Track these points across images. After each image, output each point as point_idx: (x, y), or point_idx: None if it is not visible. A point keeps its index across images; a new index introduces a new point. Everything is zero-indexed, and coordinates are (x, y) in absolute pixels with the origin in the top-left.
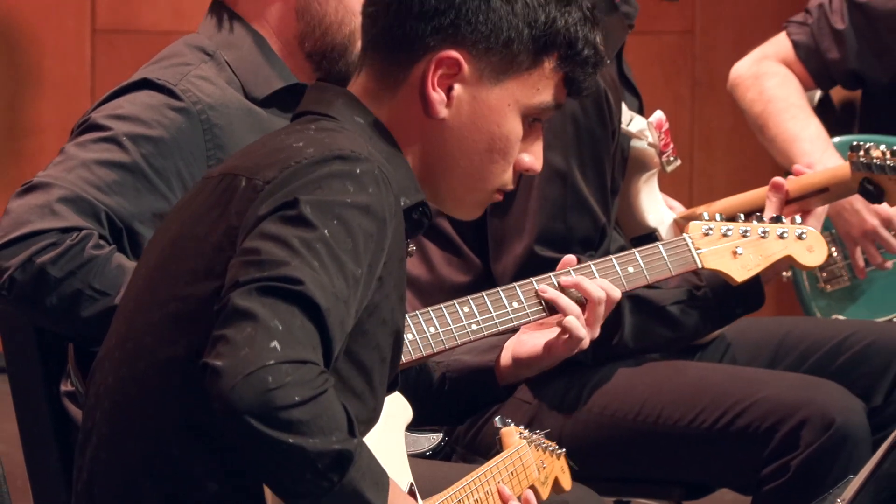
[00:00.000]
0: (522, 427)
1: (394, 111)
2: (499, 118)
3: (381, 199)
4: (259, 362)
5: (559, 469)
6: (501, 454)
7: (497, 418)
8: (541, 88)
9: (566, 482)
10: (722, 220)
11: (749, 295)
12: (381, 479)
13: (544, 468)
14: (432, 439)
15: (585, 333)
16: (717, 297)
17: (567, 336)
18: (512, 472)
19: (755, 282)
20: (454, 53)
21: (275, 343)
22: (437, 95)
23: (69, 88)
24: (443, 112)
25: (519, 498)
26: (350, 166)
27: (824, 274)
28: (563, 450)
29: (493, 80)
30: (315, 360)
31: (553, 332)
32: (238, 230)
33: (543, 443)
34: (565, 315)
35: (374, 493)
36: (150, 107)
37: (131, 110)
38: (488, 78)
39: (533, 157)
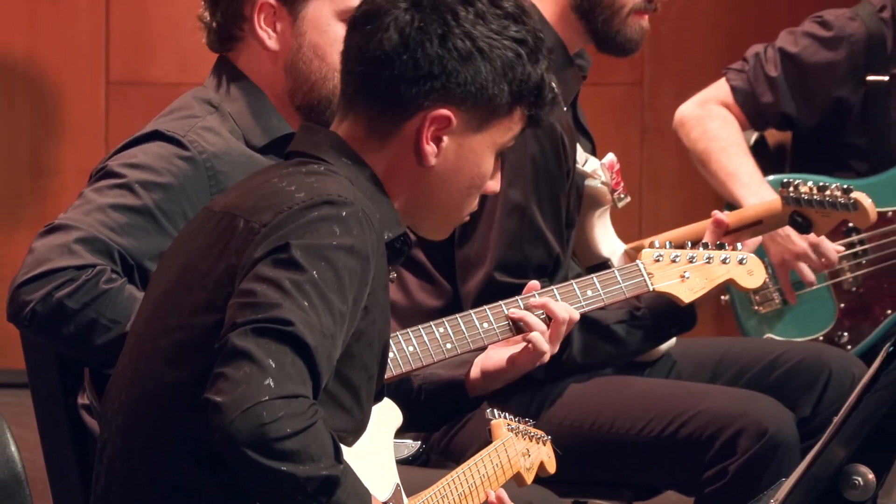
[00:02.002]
0: (511, 417)
1: (383, 159)
2: (479, 160)
3: (365, 239)
4: (255, 398)
5: (545, 455)
6: (486, 448)
7: (488, 410)
8: (512, 128)
9: (551, 466)
10: (671, 247)
11: (683, 316)
12: (364, 498)
13: (529, 456)
14: (411, 447)
15: (548, 348)
16: (655, 318)
17: (532, 349)
18: (496, 465)
19: (689, 305)
20: (446, 112)
21: (269, 381)
22: (430, 148)
23: (85, 134)
24: (433, 161)
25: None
26: (337, 210)
27: (757, 297)
28: (549, 437)
29: (476, 129)
30: (305, 394)
31: (516, 348)
32: (237, 268)
33: (530, 431)
34: (531, 331)
35: None
36: (161, 156)
37: (144, 159)
38: (473, 127)
39: (494, 181)
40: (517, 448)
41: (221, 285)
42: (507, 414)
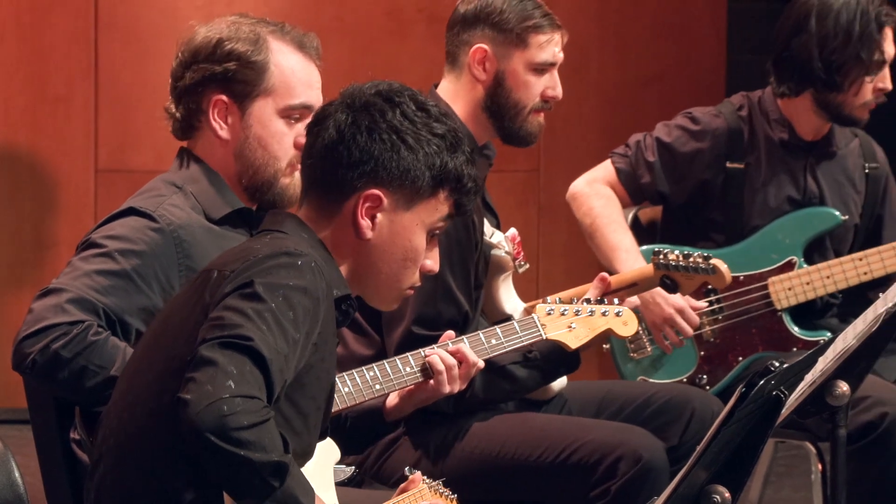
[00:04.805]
0: (425, 477)
1: (331, 234)
2: (410, 235)
3: (316, 284)
4: (217, 395)
5: None
6: (406, 493)
7: (407, 469)
8: (438, 210)
9: None
10: (560, 303)
11: (570, 359)
12: (309, 489)
13: None
14: (347, 471)
15: (456, 386)
16: (545, 360)
17: (435, 384)
18: None
19: (575, 350)
20: (376, 191)
21: (230, 382)
22: (365, 223)
23: (78, 214)
24: (369, 234)
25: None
26: (293, 259)
27: (632, 346)
28: (455, 495)
29: (405, 208)
30: (260, 397)
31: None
32: (210, 305)
33: (440, 489)
34: (439, 369)
35: (305, 499)
36: (135, 228)
37: (121, 231)
38: (402, 206)
39: (432, 261)
40: (429, 497)
41: (198, 323)
42: (420, 472)
